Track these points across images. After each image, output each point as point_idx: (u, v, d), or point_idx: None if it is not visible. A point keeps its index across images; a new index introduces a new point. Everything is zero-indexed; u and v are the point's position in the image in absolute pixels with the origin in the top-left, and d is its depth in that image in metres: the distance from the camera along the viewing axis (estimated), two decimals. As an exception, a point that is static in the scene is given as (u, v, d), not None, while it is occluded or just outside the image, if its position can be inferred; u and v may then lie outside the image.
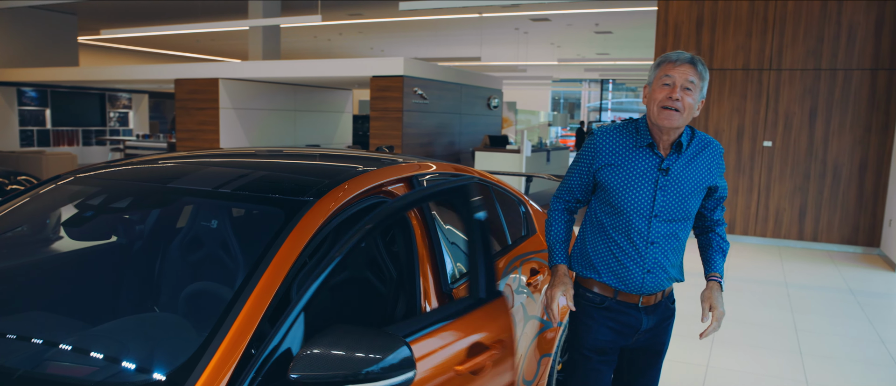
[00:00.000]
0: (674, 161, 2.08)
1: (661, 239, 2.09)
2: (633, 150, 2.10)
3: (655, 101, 2.02)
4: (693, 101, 2.02)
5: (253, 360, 1.33)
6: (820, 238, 7.77)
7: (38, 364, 1.43)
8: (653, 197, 2.06)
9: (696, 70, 2.01)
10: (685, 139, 2.09)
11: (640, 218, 2.07)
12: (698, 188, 2.12)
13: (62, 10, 14.57)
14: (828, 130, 7.63)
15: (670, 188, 2.07)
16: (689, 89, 2.00)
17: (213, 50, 21.72)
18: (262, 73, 10.86)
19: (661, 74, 2.03)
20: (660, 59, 2.08)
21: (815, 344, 4.45)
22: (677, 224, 2.10)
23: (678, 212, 2.09)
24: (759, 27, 7.75)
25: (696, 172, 2.11)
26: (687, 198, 2.09)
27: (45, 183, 2.17)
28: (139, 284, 2.01)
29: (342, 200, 1.81)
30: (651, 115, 2.04)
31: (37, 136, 15.28)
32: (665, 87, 2.01)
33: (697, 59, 2.04)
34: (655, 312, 2.20)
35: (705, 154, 2.14)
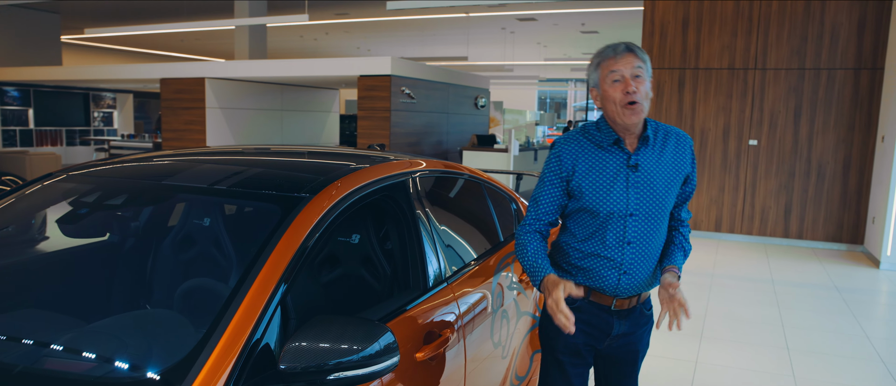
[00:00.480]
0: (642, 156, 2.00)
1: (638, 239, 2.00)
2: (599, 151, 2.02)
3: (613, 101, 1.94)
4: (647, 88, 1.95)
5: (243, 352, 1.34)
6: (805, 236, 7.86)
7: (37, 360, 1.42)
8: (626, 196, 1.98)
9: (638, 56, 1.95)
10: (650, 132, 2.02)
11: (616, 218, 1.98)
12: (672, 180, 2.03)
13: (45, 8, 14.42)
14: (812, 129, 7.72)
15: (642, 184, 1.99)
16: (639, 77, 1.94)
17: (198, 49, 21.58)
18: (248, 72, 10.81)
19: (606, 72, 1.95)
20: (596, 57, 2.00)
21: (802, 340, 4.50)
22: (654, 222, 2.02)
23: (653, 208, 2.00)
24: (744, 27, 7.83)
25: (667, 164, 2.03)
26: (661, 192, 2.01)
27: (38, 181, 2.16)
28: (136, 281, 2.00)
29: (337, 196, 1.81)
30: (613, 115, 1.96)
31: (19, 136, 15.11)
32: (616, 83, 1.93)
33: (633, 44, 1.97)
34: (628, 318, 2.10)
35: (672, 143, 2.06)
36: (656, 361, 4.03)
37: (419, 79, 10.60)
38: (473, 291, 2.27)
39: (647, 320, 2.18)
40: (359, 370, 1.34)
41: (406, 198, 2.15)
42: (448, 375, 1.97)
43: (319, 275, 2.21)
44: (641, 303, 2.13)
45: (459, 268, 2.31)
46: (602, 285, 2.04)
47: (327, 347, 1.32)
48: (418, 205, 2.21)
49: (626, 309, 2.09)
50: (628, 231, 1.99)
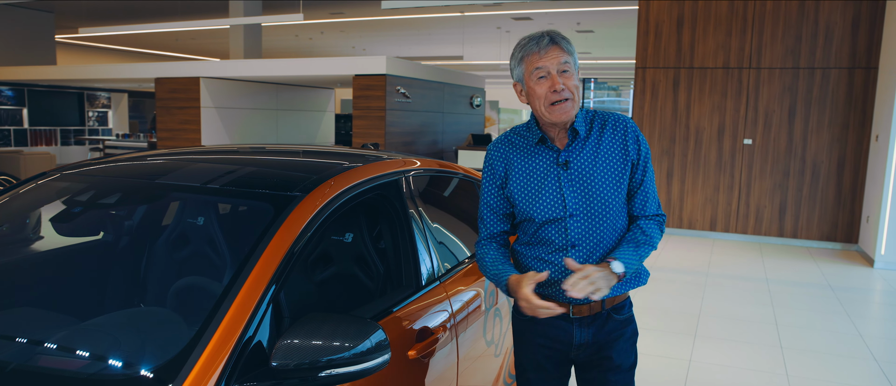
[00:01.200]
0: (574, 151, 1.85)
1: (583, 240, 1.83)
2: (528, 152, 1.89)
3: (540, 100, 1.80)
4: (577, 82, 1.81)
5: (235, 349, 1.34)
6: (800, 235, 7.88)
7: (31, 358, 1.42)
8: (561, 196, 1.83)
9: (563, 48, 1.80)
10: (581, 124, 1.85)
11: (553, 222, 1.83)
12: (612, 173, 1.84)
13: (39, 7, 14.36)
14: (807, 128, 7.74)
15: (577, 181, 1.83)
16: (566, 72, 1.79)
17: (193, 49, 21.53)
18: (243, 71, 10.80)
19: (531, 68, 1.80)
20: (519, 50, 1.84)
21: (796, 338, 4.52)
22: (599, 220, 1.83)
23: (595, 206, 1.82)
24: (738, 26, 7.85)
25: (604, 155, 1.85)
26: (600, 187, 1.83)
27: (32, 180, 2.16)
28: (129, 280, 2.00)
29: (330, 195, 1.81)
30: (541, 115, 1.82)
31: (14, 136, 15.06)
32: (542, 80, 1.79)
33: (555, 33, 1.81)
34: (592, 326, 1.89)
35: (609, 132, 1.88)
36: (650, 360, 4.04)
37: (414, 78, 10.60)
38: (466, 290, 2.27)
39: (621, 328, 1.94)
40: (350, 367, 1.34)
41: (398, 197, 2.16)
42: (441, 374, 1.98)
43: (312, 273, 2.22)
44: (609, 308, 1.91)
45: (452, 266, 2.32)
46: (552, 292, 1.87)
47: (319, 345, 1.33)
48: (411, 204, 2.21)
49: (588, 316, 1.89)
50: (570, 233, 1.83)
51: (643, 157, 1.89)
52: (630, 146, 1.87)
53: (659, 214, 1.93)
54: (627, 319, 1.97)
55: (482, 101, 14.05)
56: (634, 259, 1.82)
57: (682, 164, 8.28)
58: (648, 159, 1.90)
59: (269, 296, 1.46)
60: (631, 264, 1.81)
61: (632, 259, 1.81)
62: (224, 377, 1.29)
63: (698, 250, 7.41)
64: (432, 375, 1.93)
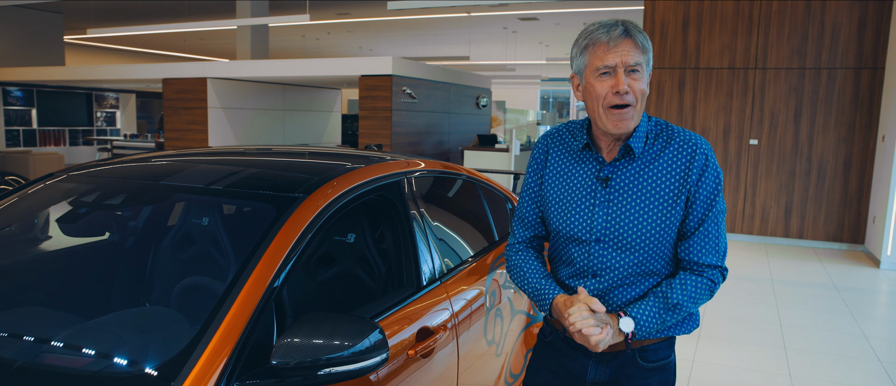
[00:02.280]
0: (620, 167, 1.57)
1: (609, 272, 1.57)
2: (570, 154, 1.65)
3: (599, 100, 1.52)
4: (644, 87, 1.52)
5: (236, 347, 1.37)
6: (806, 235, 7.87)
7: (37, 356, 1.46)
8: (591, 215, 1.57)
9: (638, 44, 1.51)
10: (638, 140, 1.56)
11: (577, 242, 1.60)
12: (660, 202, 1.54)
13: (48, 8, 14.48)
14: (813, 129, 7.72)
15: (615, 203, 1.56)
16: (636, 72, 1.51)
17: (200, 49, 21.64)
18: (250, 72, 10.86)
19: (595, 62, 1.52)
20: (584, 37, 1.55)
21: (799, 339, 4.52)
22: (634, 254, 1.55)
23: (629, 236, 1.54)
24: (744, 26, 7.84)
25: (652, 178, 1.55)
26: (640, 216, 1.54)
27: (40, 181, 2.19)
28: (134, 279, 2.04)
29: (331, 196, 1.84)
30: (596, 118, 1.56)
31: (23, 136, 15.18)
32: (605, 77, 1.51)
33: (632, 24, 1.53)
34: (612, 364, 1.63)
35: (671, 152, 1.56)
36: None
37: (420, 78, 10.63)
38: (467, 290, 2.29)
39: (646, 377, 1.64)
40: (348, 366, 1.37)
41: (400, 197, 2.18)
42: (441, 373, 2.00)
43: (315, 273, 2.24)
44: (636, 349, 1.62)
45: (454, 266, 2.34)
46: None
47: (318, 343, 1.36)
48: (413, 204, 2.24)
49: (609, 353, 1.62)
50: (593, 260, 1.58)
51: (709, 191, 1.55)
52: (693, 173, 1.54)
53: (717, 266, 1.57)
54: (659, 369, 1.64)
55: (488, 101, 14.07)
56: (654, 320, 1.52)
57: (687, 164, 8.26)
58: (717, 195, 1.56)
59: (270, 295, 1.49)
60: (648, 325, 1.51)
61: (651, 319, 1.52)
62: (225, 375, 1.32)
63: (703, 251, 7.40)
64: (433, 374, 1.95)
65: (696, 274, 1.56)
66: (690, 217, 1.56)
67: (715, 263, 1.56)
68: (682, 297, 1.52)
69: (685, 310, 1.53)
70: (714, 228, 1.56)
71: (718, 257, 1.57)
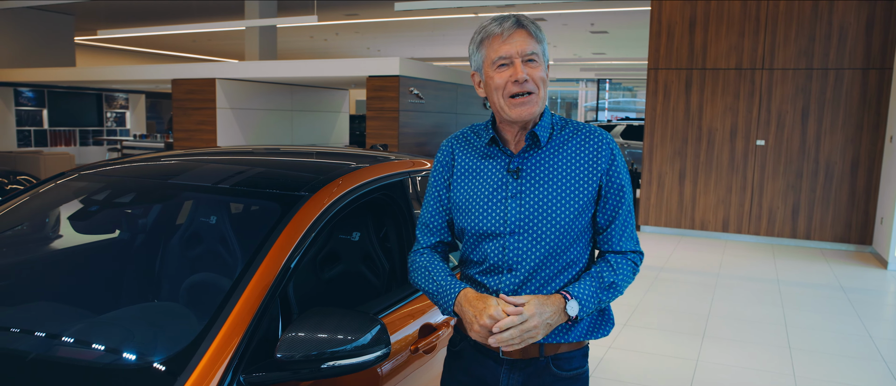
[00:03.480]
0: (530, 158, 1.56)
1: (522, 264, 1.52)
2: (477, 153, 1.63)
3: (499, 90, 1.52)
4: (543, 74, 1.54)
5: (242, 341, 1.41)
6: (813, 236, 7.85)
7: (50, 349, 1.50)
8: (504, 208, 1.54)
9: (530, 33, 1.52)
10: (543, 128, 1.56)
11: (491, 237, 1.55)
12: (571, 190, 1.53)
13: (59, 10, 14.61)
14: (820, 129, 7.71)
15: (527, 194, 1.54)
16: (533, 61, 1.52)
17: (209, 50, 21.77)
18: (258, 73, 10.93)
19: (491, 55, 1.53)
20: (479, 33, 1.56)
21: (804, 339, 4.52)
22: (545, 244, 1.52)
23: (543, 227, 1.51)
24: (751, 27, 7.83)
25: (562, 167, 1.55)
26: (553, 205, 1.52)
27: (51, 180, 2.24)
28: (143, 275, 2.09)
29: (336, 194, 1.87)
30: (499, 109, 1.55)
31: (34, 137, 15.31)
32: (503, 68, 1.52)
33: (522, 16, 1.54)
34: (524, 371, 1.57)
35: (577, 142, 1.57)
36: (656, 359, 4.07)
37: (427, 79, 10.67)
38: (471, 288, 2.32)
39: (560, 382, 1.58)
40: (351, 359, 1.40)
41: (404, 196, 2.22)
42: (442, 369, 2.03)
43: (320, 270, 2.28)
44: (549, 356, 1.57)
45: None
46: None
47: (322, 338, 1.39)
48: (416, 203, 2.27)
49: (521, 360, 1.57)
50: (508, 254, 1.53)
51: (618, 181, 1.57)
52: (602, 163, 1.55)
53: (636, 250, 1.61)
54: (573, 378, 1.59)
55: (495, 101, 14.10)
56: (593, 301, 1.50)
57: (694, 165, 8.27)
58: (626, 186, 1.58)
59: (275, 291, 1.53)
60: (588, 304, 1.49)
61: (591, 300, 1.50)
62: (231, 368, 1.36)
63: (710, 251, 7.41)
64: (435, 371, 1.98)
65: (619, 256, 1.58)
66: (606, 209, 1.57)
67: (635, 249, 1.61)
68: (614, 275, 1.53)
69: (618, 289, 1.54)
70: (629, 218, 1.60)
71: (635, 243, 1.62)
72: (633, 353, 4.19)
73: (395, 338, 1.82)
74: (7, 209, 2.12)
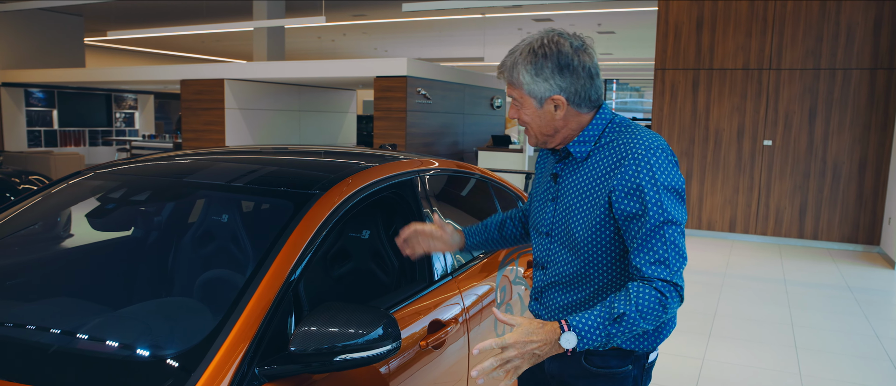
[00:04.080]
0: (565, 166, 1.62)
1: (552, 265, 1.63)
2: (546, 153, 1.77)
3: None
4: (527, 117, 1.58)
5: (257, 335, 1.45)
6: (820, 236, 7.84)
7: (70, 343, 1.55)
8: (545, 208, 1.67)
9: (508, 80, 1.58)
10: (580, 145, 1.57)
11: (537, 232, 1.69)
12: (584, 201, 1.54)
13: (69, 11, 14.72)
14: (827, 129, 7.70)
15: (561, 201, 1.62)
16: (517, 101, 1.60)
17: (217, 51, 21.87)
18: (266, 73, 10.99)
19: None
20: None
21: (811, 339, 4.53)
22: (572, 251, 1.57)
23: (572, 234, 1.56)
24: (758, 27, 7.83)
25: (584, 178, 1.57)
26: (580, 215, 1.55)
27: (66, 179, 2.29)
28: (160, 272, 2.13)
29: (346, 193, 1.91)
30: None
31: (44, 137, 15.44)
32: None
33: (504, 65, 1.58)
34: (559, 359, 1.61)
35: (604, 154, 1.54)
36: (663, 358, 4.09)
37: (435, 80, 10.71)
38: (478, 285, 2.36)
39: (591, 378, 1.58)
40: (362, 353, 1.44)
41: (413, 195, 2.25)
42: (452, 365, 2.06)
43: (331, 268, 2.32)
44: (582, 353, 1.59)
45: (465, 262, 2.40)
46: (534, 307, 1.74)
47: (334, 332, 1.43)
48: (425, 202, 2.30)
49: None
50: (543, 252, 1.66)
51: (638, 195, 1.45)
52: (620, 175, 1.48)
53: (667, 280, 1.41)
54: (607, 376, 1.58)
55: (503, 102, 14.12)
56: (599, 333, 1.38)
57: (701, 165, 8.28)
58: (652, 200, 1.44)
59: (288, 287, 1.56)
60: (591, 336, 1.38)
61: (595, 332, 1.38)
62: (246, 360, 1.39)
63: (716, 251, 7.42)
64: (443, 366, 2.02)
65: (642, 283, 1.42)
66: (626, 228, 1.48)
67: (663, 277, 1.41)
68: (626, 307, 1.38)
69: (632, 323, 1.38)
70: (654, 240, 1.43)
71: (669, 271, 1.42)
72: (639, 352, 4.21)
73: (405, 334, 1.86)
74: (25, 207, 2.17)
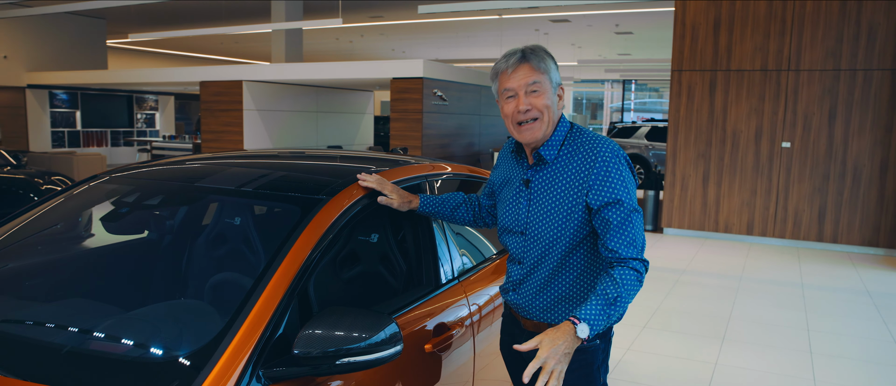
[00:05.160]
0: (539, 172, 1.82)
1: (528, 260, 1.84)
2: (512, 161, 1.95)
3: (508, 119, 1.79)
4: (548, 101, 1.76)
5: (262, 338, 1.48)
6: (840, 240, 7.75)
7: (83, 342, 1.59)
8: (518, 211, 1.86)
9: (533, 66, 1.74)
10: (550, 148, 1.80)
11: (511, 232, 1.88)
12: (566, 202, 1.76)
13: (92, 14, 14.96)
14: (848, 131, 7.61)
15: (535, 203, 1.81)
16: (535, 91, 1.75)
17: (236, 52, 22.08)
18: (284, 75, 11.08)
19: (501, 88, 1.80)
20: (493, 69, 1.84)
21: (826, 344, 4.49)
22: (548, 246, 1.79)
23: (546, 231, 1.78)
24: (777, 28, 7.76)
25: (563, 180, 1.78)
26: (553, 214, 1.77)
27: (84, 182, 2.35)
28: (169, 274, 2.17)
29: (354, 198, 1.94)
30: (511, 132, 1.83)
31: (67, 138, 15.69)
32: (510, 100, 1.78)
33: (528, 50, 1.76)
34: (535, 333, 1.84)
35: (580, 157, 1.77)
36: (674, 362, 4.08)
37: (451, 81, 10.73)
38: (485, 289, 2.37)
39: (573, 361, 1.71)
40: (365, 356, 1.46)
41: (421, 199, 2.27)
42: (457, 368, 2.09)
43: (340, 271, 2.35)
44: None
45: (472, 267, 2.42)
46: (506, 299, 1.98)
47: (337, 335, 1.46)
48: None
49: (535, 332, 1.85)
50: (519, 249, 1.86)
51: (608, 190, 1.71)
52: (589, 175, 1.73)
53: (638, 258, 1.70)
54: (583, 349, 1.78)
55: (519, 103, 14.09)
56: (602, 319, 1.60)
57: (718, 167, 8.22)
58: (621, 194, 1.71)
59: (294, 290, 1.60)
60: (597, 323, 1.59)
61: (599, 318, 1.59)
62: (251, 362, 1.43)
63: (733, 254, 7.36)
64: (449, 369, 2.04)
65: (621, 266, 1.68)
66: (600, 217, 1.72)
67: (635, 256, 1.69)
68: (616, 290, 1.63)
69: (623, 302, 1.63)
70: (627, 225, 1.70)
71: (637, 250, 1.70)
72: (651, 355, 4.20)
73: (410, 336, 1.88)
74: (44, 210, 2.23)
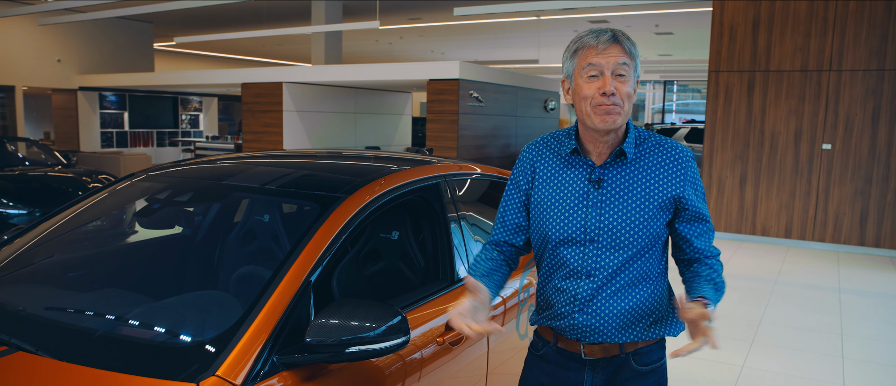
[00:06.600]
0: (611, 170, 1.64)
1: (601, 271, 1.62)
2: (559, 160, 1.70)
3: (586, 100, 1.58)
4: (630, 89, 1.59)
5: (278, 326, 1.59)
6: (882, 244, 7.56)
7: (114, 328, 1.74)
8: (585, 217, 1.62)
9: (625, 49, 1.58)
10: (630, 145, 1.64)
11: (572, 243, 1.63)
12: (651, 202, 1.62)
13: (140, 19, 15.47)
14: (892, 132, 7.42)
15: (608, 205, 1.62)
16: (622, 76, 1.57)
17: (278, 53, 22.53)
18: (323, 77, 11.29)
19: (583, 64, 1.59)
20: (574, 43, 1.63)
21: (860, 349, 4.42)
22: (628, 253, 1.62)
23: (625, 236, 1.61)
24: (818, 28, 7.61)
25: (642, 180, 1.63)
26: (635, 216, 1.61)
27: (122, 180, 2.50)
28: (196, 267, 2.32)
29: (371, 196, 2.03)
30: (584, 117, 1.61)
31: (116, 138, 16.24)
32: (592, 79, 1.58)
33: (621, 34, 1.60)
34: (606, 370, 1.67)
35: (657, 156, 1.65)
36: (699, 364, 4.07)
37: (487, 82, 10.79)
38: (501, 286, 2.43)
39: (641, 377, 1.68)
40: (373, 345, 1.55)
41: (439, 199, 2.35)
42: (471, 362, 2.16)
43: (363, 266, 2.45)
44: (628, 353, 1.67)
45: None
46: (562, 324, 1.67)
47: (347, 325, 1.55)
48: (451, 205, 2.40)
49: (602, 359, 1.67)
50: (587, 260, 1.63)
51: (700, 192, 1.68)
52: (680, 179, 1.63)
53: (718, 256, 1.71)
54: (653, 371, 1.71)
55: (556, 104, 14.07)
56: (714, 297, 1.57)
57: (755, 169, 8.10)
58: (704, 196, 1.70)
59: (309, 282, 1.69)
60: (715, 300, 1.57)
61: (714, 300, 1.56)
62: (267, 348, 1.54)
63: (770, 257, 7.25)
64: (462, 362, 2.11)
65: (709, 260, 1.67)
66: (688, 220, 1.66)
67: (717, 253, 1.70)
68: (719, 277, 1.64)
69: (722, 290, 1.62)
70: (711, 224, 1.70)
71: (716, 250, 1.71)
72: (677, 356, 4.18)
73: (423, 330, 1.96)
74: (84, 207, 2.38)
